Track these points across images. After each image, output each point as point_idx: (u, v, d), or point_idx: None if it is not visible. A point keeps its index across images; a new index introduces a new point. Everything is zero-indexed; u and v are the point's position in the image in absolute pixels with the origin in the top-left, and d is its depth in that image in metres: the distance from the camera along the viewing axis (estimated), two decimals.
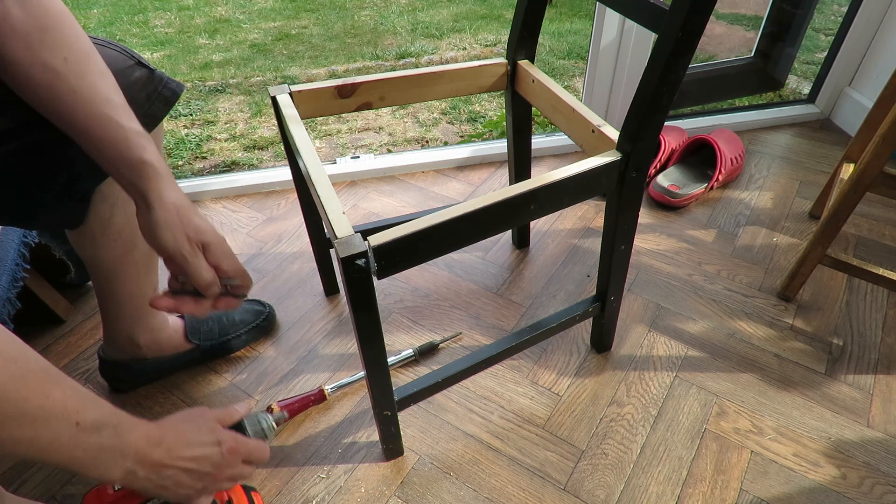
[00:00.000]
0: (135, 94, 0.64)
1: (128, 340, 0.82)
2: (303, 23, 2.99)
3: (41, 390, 0.43)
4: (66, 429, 0.44)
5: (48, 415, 0.43)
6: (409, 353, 0.92)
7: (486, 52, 2.57)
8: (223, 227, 1.19)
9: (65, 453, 0.45)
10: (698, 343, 0.95)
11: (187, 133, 1.80)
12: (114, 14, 3.17)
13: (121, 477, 0.50)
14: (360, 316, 0.58)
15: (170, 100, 0.66)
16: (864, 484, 0.76)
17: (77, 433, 0.45)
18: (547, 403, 0.86)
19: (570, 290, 1.05)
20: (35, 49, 0.51)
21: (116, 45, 0.64)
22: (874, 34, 1.35)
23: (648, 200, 1.25)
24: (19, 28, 0.51)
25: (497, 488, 0.76)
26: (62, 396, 0.44)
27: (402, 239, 0.54)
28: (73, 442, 0.45)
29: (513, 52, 0.84)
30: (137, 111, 0.64)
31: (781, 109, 1.51)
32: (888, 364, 0.91)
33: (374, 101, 0.81)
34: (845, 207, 0.88)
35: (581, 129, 0.74)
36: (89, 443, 0.46)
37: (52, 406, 0.43)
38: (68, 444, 0.45)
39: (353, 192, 1.29)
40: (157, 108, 0.65)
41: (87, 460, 0.47)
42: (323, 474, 0.78)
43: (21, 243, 0.85)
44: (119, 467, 0.49)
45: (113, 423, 0.48)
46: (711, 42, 2.02)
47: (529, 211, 0.62)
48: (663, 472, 0.78)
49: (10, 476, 0.78)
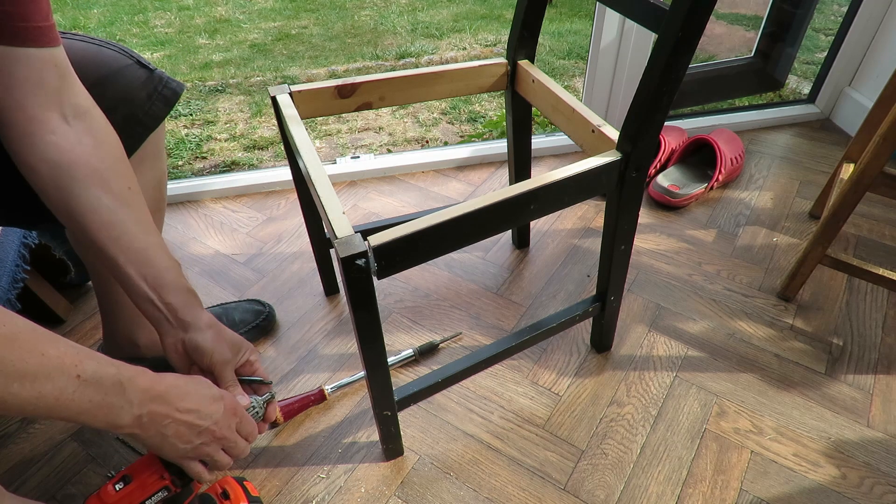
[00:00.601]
0: (134, 94, 0.64)
1: (127, 340, 0.82)
2: (303, 23, 2.99)
3: (35, 349, 0.44)
4: (69, 382, 0.45)
5: (48, 371, 0.44)
6: (409, 353, 0.92)
7: (486, 52, 2.57)
8: (223, 227, 1.19)
9: (73, 407, 0.46)
10: (698, 343, 0.95)
11: (187, 133, 1.80)
12: (114, 14, 3.17)
13: (130, 423, 0.51)
14: (360, 316, 0.58)
15: (170, 99, 0.66)
16: (864, 484, 0.76)
17: (80, 385, 0.46)
18: (547, 403, 0.86)
19: (570, 290, 1.05)
20: (97, 177, 0.56)
21: (115, 45, 0.64)
22: (874, 34, 1.35)
23: (648, 200, 1.25)
24: (87, 157, 0.55)
25: (497, 488, 0.76)
26: (58, 353, 0.45)
27: (402, 239, 0.54)
28: (79, 394, 0.46)
29: (513, 52, 0.84)
30: (138, 111, 0.65)
31: (781, 109, 1.51)
32: (888, 364, 0.91)
33: (374, 101, 0.81)
34: (845, 207, 0.88)
35: (581, 129, 0.74)
36: (94, 393, 0.47)
37: (50, 362, 0.44)
38: (73, 396, 0.46)
39: (353, 192, 1.29)
40: (157, 107, 0.65)
41: (95, 411, 0.48)
42: (323, 474, 0.78)
43: (21, 244, 0.85)
44: (127, 413, 0.50)
45: (113, 372, 0.49)
46: (711, 42, 2.02)
47: (529, 211, 0.62)
48: (663, 472, 0.78)
49: (10, 476, 0.78)
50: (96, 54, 0.62)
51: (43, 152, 0.54)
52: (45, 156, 0.54)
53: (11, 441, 0.82)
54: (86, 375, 0.47)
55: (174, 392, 0.54)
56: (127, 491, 0.61)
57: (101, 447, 0.81)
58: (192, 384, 0.57)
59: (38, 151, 0.54)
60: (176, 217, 1.22)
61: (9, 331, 0.43)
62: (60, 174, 0.55)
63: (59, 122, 0.55)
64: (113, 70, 0.62)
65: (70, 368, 0.46)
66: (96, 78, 0.60)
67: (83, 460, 0.79)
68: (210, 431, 0.58)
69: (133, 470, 0.62)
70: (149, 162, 0.70)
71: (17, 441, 0.82)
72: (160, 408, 0.53)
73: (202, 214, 1.23)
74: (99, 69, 0.61)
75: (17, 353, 0.43)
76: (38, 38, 0.52)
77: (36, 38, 0.52)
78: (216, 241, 1.16)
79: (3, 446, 0.81)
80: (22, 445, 0.81)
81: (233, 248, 1.14)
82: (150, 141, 0.68)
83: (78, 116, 0.56)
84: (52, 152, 0.54)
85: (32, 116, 0.53)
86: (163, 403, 0.53)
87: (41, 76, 0.53)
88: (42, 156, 0.54)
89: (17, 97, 0.52)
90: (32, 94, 0.53)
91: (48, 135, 0.54)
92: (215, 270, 1.09)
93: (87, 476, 0.78)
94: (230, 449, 0.62)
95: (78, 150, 0.55)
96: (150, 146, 0.69)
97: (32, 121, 0.53)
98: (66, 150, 0.55)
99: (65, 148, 0.54)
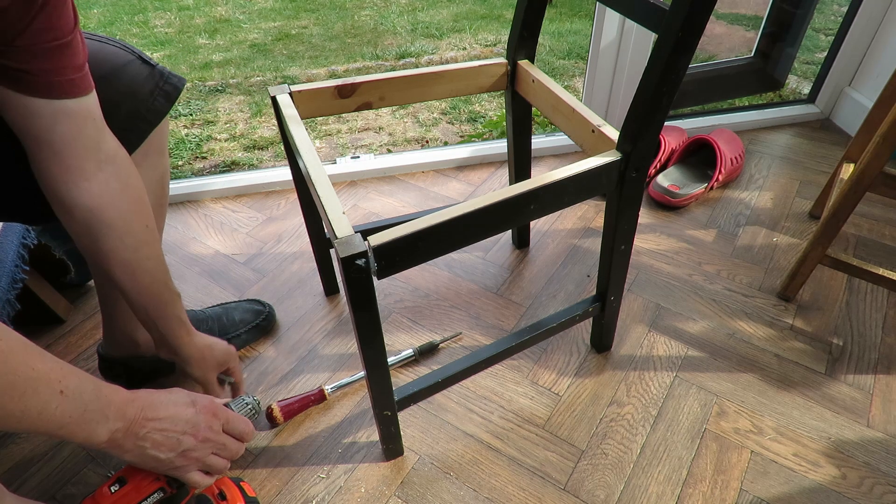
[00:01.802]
0: (137, 90, 0.64)
1: (127, 338, 0.82)
2: (303, 23, 2.99)
3: (26, 363, 0.45)
4: (53, 397, 0.47)
5: (35, 385, 0.45)
6: (409, 353, 0.92)
7: (486, 52, 2.57)
8: (223, 227, 1.19)
9: (54, 421, 0.47)
10: (698, 343, 0.95)
11: (187, 133, 1.80)
12: (114, 14, 3.17)
13: (107, 437, 0.52)
14: (360, 316, 0.58)
15: (172, 94, 0.66)
16: (864, 484, 0.76)
17: (62, 400, 0.47)
18: (547, 403, 0.86)
19: (570, 290, 1.05)
20: (122, 221, 0.60)
21: (116, 42, 0.64)
22: (874, 34, 1.35)
23: (648, 200, 1.25)
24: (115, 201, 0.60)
25: (497, 488, 0.76)
26: (45, 368, 0.47)
27: (402, 239, 0.54)
28: (61, 409, 0.47)
29: (513, 52, 0.84)
30: (141, 107, 0.65)
31: (781, 109, 1.51)
32: (888, 364, 0.91)
33: (374, 101, 0.81)
34: (845, 207, 0.88)
35: (581, 129, 0.74)
36: (74, 408, 0.49)
37: (38, 377, 0.46)
38: (56, 411, 0.47)
39: (353, 192, 1.29)
40: (159, 103, 0.66)
41: (73, 425, 0.49)
42: (323, 474, 0.78)
43: (20, 244, 0.85)
44: (104, 428, 0.52)
45: (91, 387, 0.51)
46: (711, 42, 2.02)
47: (529, 211, 0.62)
48: (663, 472, 0.78)
49: (10, 476, 0.78)
50: (99, 50, 0.62)
51: (77, 198, 0.57)
52: (79, 202, 0.58)
53: (11, 441, 0.82)
54: (68, 391, 0.48)
55: (146, 404, 0.57)
56: (122, 493, 0.61)
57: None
58: (164, 395, 0.60)
59: (73, 197, 0.57)
60: (176, 217, 1.22)
61: (6, 345, 0.44)
62: (91, 218, 0.59)
63: (94, 170, 0.58)
64: (116, 66, 0.62)
65: (55, 384, 0.47)
66: (100, 74, 0.60)
67: (83, 460, 0.79)
68: (191, 436, 0.59)
69: (128, 472, 0.62)
70: (152, 159, 0.70)
71: (17, 441, 0.82)
72: (133, 420, 0.55)
73: (202, 214, 1.23)
74: (102, 66, 0.61)
75: (10, 367, 0.43)
76: (72, 89, 0.53)
77: (71, 90, 0.53)
78: (216, 241, 1.16)
79: (3, 446, 0.81)
80: (22, 445, 0.81)
81: (233, 248, 1.14)
82: (153, 138, 0.68)
83: (108, 161, 0.59)
84: (86, 198, 0.58)
85: (70, 166, 0.56)
86: (135, 416, 0.55)
87: (81, 131, 0.55)
88: (76, 201, 0.57)
89: (57, 150, 0.55)
90: (72, 148, 0.55)
91: (83, 181, 0.57)
92: (215, 270, 1.09)
93: (87, 476, 0.78)
94: (221, 451, 0.63)
95: (106, 197, 0.59)
96: (154, 143, 0.69)
97: (70, 170, 0.56)
98: (96, 195, 0.58)
99: (96, 193, 0.58)
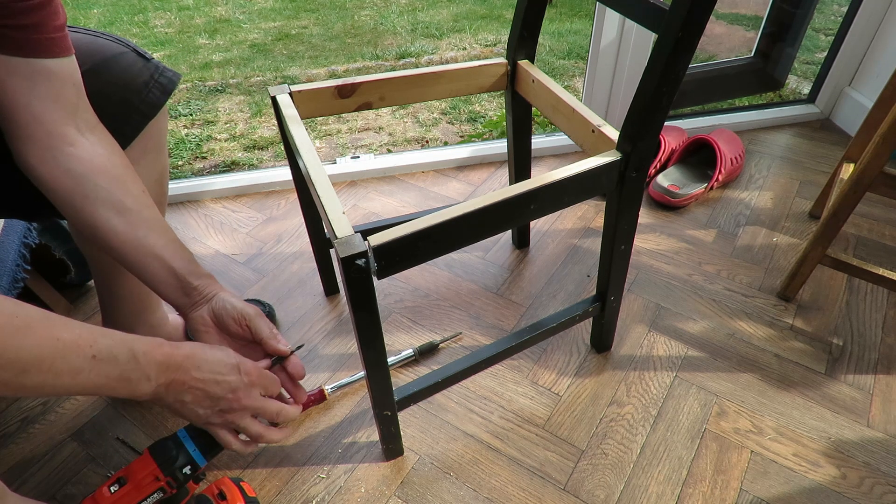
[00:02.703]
0: (130, 80, 0.63)
1: None
2: (303, 23, 2.99)
3: (49, 335, 0.46)
4: (84, 363, 0.48)
5: (64, 354, 0.46)
6: (409, 353, 0.92)
7: (486, 52, 2.57)
8: (223, 227, 1.19)
9: (91, 384, 0.49)
10: (698, 343, 0.95)
11: (187, 133, 1.80)
12: (114, 14, 3.17)
13: (150, 392, 0.54)
14: (360, 316, 0.58)
15: (167, 87, 0.66)
16: (864, 484, 0.76)
17: (96, 364, 0.48)
18: (547, 403, 0.86)
19: (570, 290, 1.05)
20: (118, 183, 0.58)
21: (111, 36, 0.64)
22: (874, 34, 1.35)
23: (648, 200, 1.25)
24: (106, 165, 0.58)
25: (497, 488, 0.76)
26: (71, 336, 0.47)
27: (402, 239, 0.54)
28: (95, 372, 0.48)
29: (513, 52, 0.84)
30: (134, 97, 0.65)
31: (781, 109, 1.51)
32: (888, 364, 0.91)
33: (374, 101, 0.81)
34: (845, 207, 0.88)
35: (581, 129, 0.74)
36: (110, 369, 0.50)
37: (66, 346, 0.46)
38: (90, 375, 0.48)
39: (353, 192, 1.29)
40: (154, 95, 0.65)
41: (113, 384, 0.50)
42: (323, 474, 0.78)
43: (21, 244, 0.85)
44: (146, 384, 0.53)
45: (127, 347, 0.51)
46: (711, 42, 2.02)
47: (529, 211, 0.62)
48: (663, 472, 0.78)
49: (10, 476, 0.78)
50: (91, 42, 0.62)
51: (65, 164, 0.56)
52: (68, 167, 0.56)
53: (11, 441, 0.82)
54: (101, 354, 0.49)
55: (190, 362, 0.56)
56: (122, 493, 0.61)
57: (101, 447, 0.81)
58: (209, 351, 0.59)
59: (60, 164, 0.55)
60: (176, 217, 1.22)
61: (22, 322, 0.44)
62: (84, 184, 0.56)
63: (76, 135, 0.56)
64: (107, 57, 0.62)
65: (85, 349, 0.48)
66: (92, 64, 0.60)
67: (83, 460, 0.79)
68: (228, 400, 0.59)
69: (128, 472, 0.62)
70: (151, 156, 0.70)
71: (17, 441, 0.82)
72: (177, 376, 0.55)
73: (202, 214, 1.23)
74: (94, 56, 0.61)
75: (33, 341, 0.44)
76: (52, 47, 0.53)
77: (51, 48, 0.52)
78: (216, 241, 1.16)
79: (3, 446, 0.81)
80: (22, 445, 0.81)
81: (233, 248, 1.14)
82: (151, 135, 0.68)
83: (90, 130, 0.58)
84: (74, 164, 0.56)
85: (51, 131, 0.55)
86: (178, 372, 0.55)
87: (60, 92, 0.54)
88: (65, 168, 0.56)
89: (37, 112, 0.54)
90: (51, 110, 0.54)
91: (68, 147, 0.56)
92: (215, 270, 1.09)
93: (87, 476, 0.78)
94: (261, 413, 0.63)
95: (97, 161, 0.57)
96: (152, 140, 0.69)
97: (52, 135, 0.55)
98: (86, 160, 0.56)
99: (85, 159, 0.56)
